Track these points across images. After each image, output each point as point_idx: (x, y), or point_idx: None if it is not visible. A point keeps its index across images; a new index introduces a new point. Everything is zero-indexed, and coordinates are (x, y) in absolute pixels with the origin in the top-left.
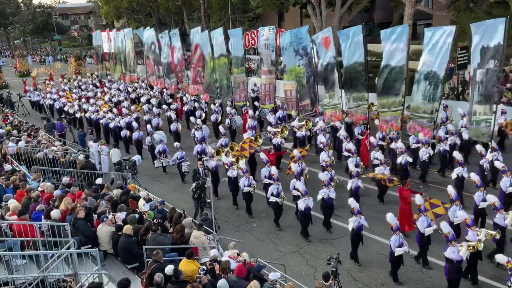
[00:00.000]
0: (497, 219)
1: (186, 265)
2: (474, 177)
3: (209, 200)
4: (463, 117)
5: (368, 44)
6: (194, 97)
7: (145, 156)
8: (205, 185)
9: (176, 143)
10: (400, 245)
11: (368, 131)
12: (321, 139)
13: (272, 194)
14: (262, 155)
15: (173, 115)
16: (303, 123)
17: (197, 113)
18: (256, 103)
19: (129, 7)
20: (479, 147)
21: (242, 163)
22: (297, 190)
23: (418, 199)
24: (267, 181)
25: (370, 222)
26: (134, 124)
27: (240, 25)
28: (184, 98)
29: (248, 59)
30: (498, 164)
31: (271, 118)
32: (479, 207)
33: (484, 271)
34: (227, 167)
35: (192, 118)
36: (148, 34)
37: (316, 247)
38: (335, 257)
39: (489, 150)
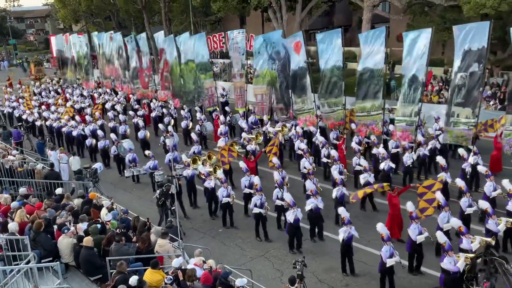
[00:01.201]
0: (490, 225)
1: (151, 275)
2: (460, 182)
3: (173, 207)
4: (437, 120)
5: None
6: (162, 103)
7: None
8: (169, 192)
9: (148, 152)
10: (391, 256)
11: (345, 136)
12: (301, 145)
13: (255, 205)
14: (242, 164)
15: (140, 122)
16: (279, 128)
17: (166, 119)
18: (227, 108)
19: (87, 10)
20: (461, 151)
21: (220, 172)
22: (282, 200)
23: (409, 206)
24: (247, 191)
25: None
26: (99, 132)
27: (201, 28)
28: (152, 104)
29: (212, 63)
30: (481, 169)
31: (242, 123)
32: (465, 213)
33: None
34: (203, 177)
35: (161, 125)
36: (115, 38)
37: (282, 250)
38: (301, 261)
39: (471, 153)
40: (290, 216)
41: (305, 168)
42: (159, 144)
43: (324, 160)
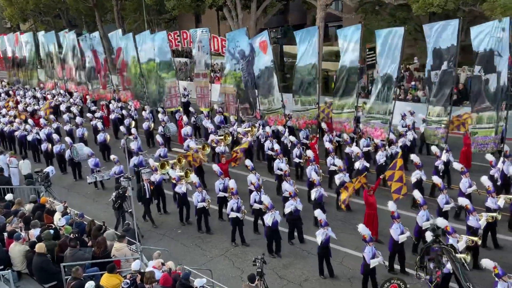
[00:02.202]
0: (471, 222)
1: (108, 280)
2: (437, 180)
3: (130, 210)
4: (404, 117)
5: (283, 46)
6: (122, 104)
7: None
8: (126, 194)
9: (113, 156)
10: (373, 256)
11: (317, 136)
12: (275, 146)
13: (232, 209)
14: (215, 167)
15: (99, 124)
16: (249, 129)
17: (126, 121)
18: (191, 108)
19: (35, 9)
20: (434, 148)
21: (194, 177)
22: (260, 203)
23: (391, 205)
24: (222, 194)
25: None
26: (55, 136)
27: (156, 27)
28: (110, 105)
29: None
30: (457, 166)
31: (207, 123)
32: (443, 210)
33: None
34: (174, 182)
35: (122, 127)
36: (68, 37)
37: (242, 248)
38: (260, 258)
39: (444, 151)
40: (268, 219)
41: (279, 169)
42: (120, 147)
43: (296, 160)
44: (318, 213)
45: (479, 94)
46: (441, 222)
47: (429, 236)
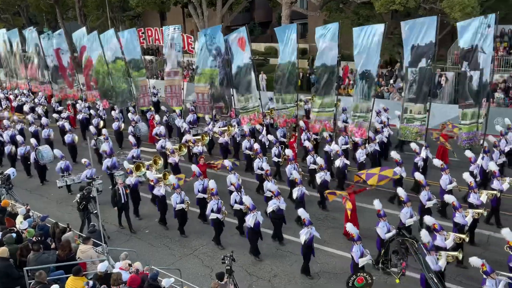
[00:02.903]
0: (457, 218)
1: (73, 283)
2: (419, 176)
3: (95, 211)
4: (379, 114)
5: (250, 43)
6: (89, 104)
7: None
8: (91, 195)
9: (84, 160)
10: (362, 255)
11: (296, 134)
12: (255, 145)
13: (212, 211)
14: (194, 167)
15: (66, 125)
16: (225, 128)
17: (94, 121)
18: (163, 107)
19: None
20: (413, 145)
21: (172, 178)
22: (240, 204)
23: (376, 204)
24: (201, 195)
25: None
26: (19, 137)
27: (120, 24)
28: (77, 105)
29: None
30: (437, 162)
31: (180, 122)
32: (425, 207)
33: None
34: (152, 184)
35: (91, 128)
36: (31, 34)
37: (210, 247)
38: (229, 255)
39: (423, 148)
40: (250, 220)
41: (259, 169)
42: (92, 148)
43: (275, 159)
44: (301, 212)
45: (464, 91)
46: (428, 220)
47: (424, 235)
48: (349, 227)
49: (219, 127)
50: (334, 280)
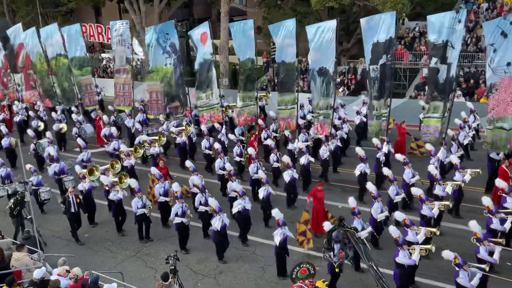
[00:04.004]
0: (425, 211)
1: None
2: (387, 171)
3: (30, 216)
4: (336, 110)
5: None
6: (27, 105)
7: None
8: (24, 200)
9: (29, 166)
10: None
11: (257, 132)
12: (215, 145)
13: (176, 214)
14: (154, 170)
15: (3, 128)
16: (183, 127)
17: (34, 123)
18: (110, 107)
19: None
20: (375, 141)
21: (133, 181)
22: (205, 206)
23: (351, 201)
24: (163, 199)
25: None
26: None
27: (52, 20)
28: (14, 106)
29: None
30: (399, 157)
31: (130, 123)
32: (394, 201)
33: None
34: (107, 188)
35: (29, 131)
36: None
37: (155, 247)
38: (173, 255)
39: (384, 143)
40: (216, 223)
41: (221, 169)
42: (28, 153)
43: (237, 159)
44: (275, 212)
45: (433, 85)
46: (399, 215)
47: (393, 230)
48: (327, 226)
49: (174, 126)
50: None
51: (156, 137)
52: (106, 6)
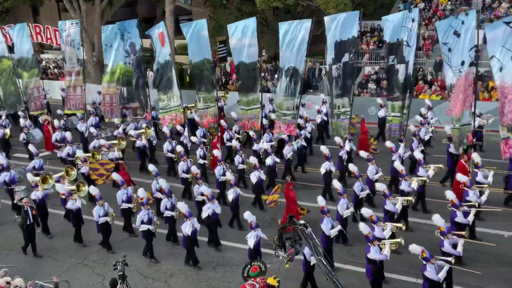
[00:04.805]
0: (388, 206)
1: None
2: (353, 168)
3: None
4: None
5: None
6: None
7: None
8: None
9: None
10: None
11: (219, 134)
12: (177, 148)
13: (142, 222)
14: (115, 175)
15: None
16: (143, 130)
17: None
18: (59, 111)
19: None
20: (337, 139)
21: (93, 189)
22: (172, 210)
23: (320, 200)
24: (126, 206)
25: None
26: None
27: None
28: None
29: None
30: (363, 154)
31: (82, 127)
32: (359, 197)
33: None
34: (63, 197)
35: None
36: None
37: (102, 254)
38: (121, 260)
39: (347, 141)
40: (187, 228)
41: (185, 172)
42: None
43: (201, 161)
44: (247, 215)
45: (392, 84)
46: (366, 212)
47: (363, 227)
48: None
49: (131, 129)
50: (230, 272)
51: (115, 141)
52: (44, 6)
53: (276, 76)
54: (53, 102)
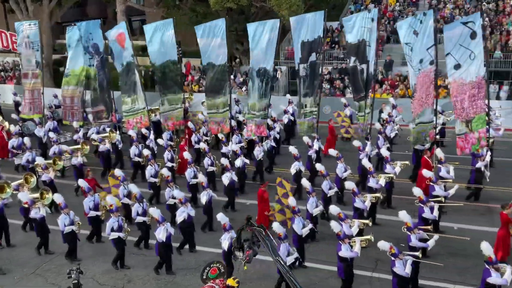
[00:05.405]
0: (358, 204)
1: None
2: (320, 167)
3: None
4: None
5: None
6: None
7: None
8: None
9: None
10: (288, 254)
11: (186, 136)
12: (144, 151)
13: (112, 229)
14: (82, 182)
15: None
16: (107, 134)
17: None
18: (13, 115)
19: None
20: (306, 139)
21: (58, 196)
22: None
23: (291, 200)
24: (93, 213)
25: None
26: None
27: None
28: None
29: None
30: (332, 152)
31: (41, 132)
32: (328, 196)
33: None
34: (26, 206)
35: None
36: None
37: (55, 262)
38: (76, 268)
39: (315, 140)
40: (161, 234)
41: (153, 176)
42: None
43: (169, 164)
44: (221, 217)
45: (357, 85)
46: (334, 209)
47: (335, 225)
48: (275, 226)
49: (93, 133)
50: (190, 275)
51: (79, 146)
52: None
53: (231, 77)
54: (5, 107)
